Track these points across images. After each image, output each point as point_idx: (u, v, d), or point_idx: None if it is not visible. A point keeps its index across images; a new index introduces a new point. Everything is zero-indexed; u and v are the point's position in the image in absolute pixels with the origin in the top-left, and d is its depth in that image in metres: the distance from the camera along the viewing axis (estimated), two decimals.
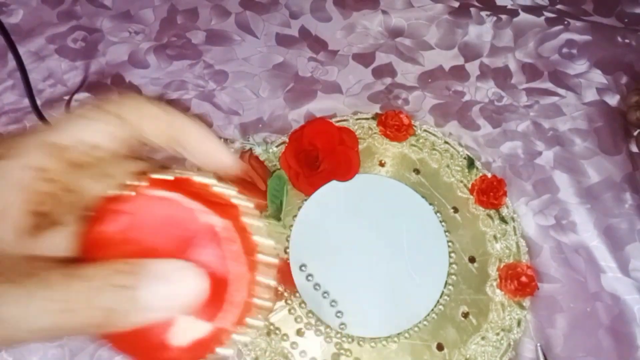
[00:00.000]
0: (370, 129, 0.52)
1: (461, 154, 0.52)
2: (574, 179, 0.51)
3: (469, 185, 0.50)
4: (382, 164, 0.51)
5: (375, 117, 0.53)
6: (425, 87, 0.56)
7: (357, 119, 0.53)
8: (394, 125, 0.51)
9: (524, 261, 0.47)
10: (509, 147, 0.53)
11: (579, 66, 0.58)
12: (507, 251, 0.48)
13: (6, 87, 0.54)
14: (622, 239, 0.49)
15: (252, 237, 0.17)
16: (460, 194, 0.50)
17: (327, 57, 0.57)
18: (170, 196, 0.17)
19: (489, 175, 0.50)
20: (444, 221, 0.49)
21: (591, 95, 0.56)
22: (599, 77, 0.57)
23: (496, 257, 0.47)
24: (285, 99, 0.55)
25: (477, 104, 0.55)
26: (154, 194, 0.17)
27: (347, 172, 0.50)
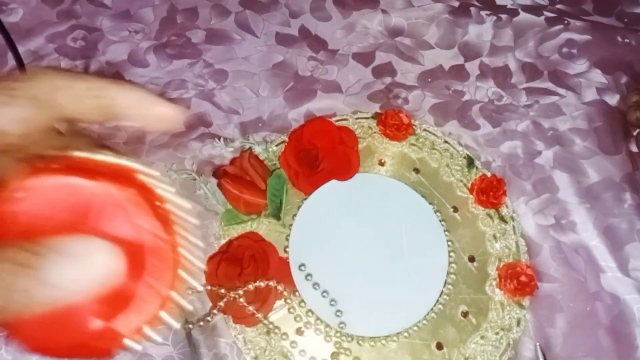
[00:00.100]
0: (370, 128, 0.52)
1: (461, 153, 0.52)
2: (574, 178, 0.51)
3: (469, 184, 0.50)
4: (381, 163, 0.51)
5: (375, 116, 0.53)
6: (425, 87, 0.56)
7: (356, 119, 0.53)
8: (394, 124, 0.51)
9: (524, 261, 0.47)
10: (508, 146, 0.53)
11: (579, 66, 0.58)
12: (506, 251, 0.48)
13: None
14: (622, 239, 0.49)
15: (164, 205, 0.17)
16: (459, 194, 0.50)
17: (327, 57, 0.57)
18: (71, 177, 0.16)
19: (489, 174, 0.50)
20: (443, 220, 0.49)
21: (591, 95, 0.56)
22: (598, 76, 0.57)
23: (496, 256, 0.47)
24: (285, 98, 0.55)
25: (477, 103, 0.55)
26: (58, 173, 0.16)
27: (347, 171, 0.50)
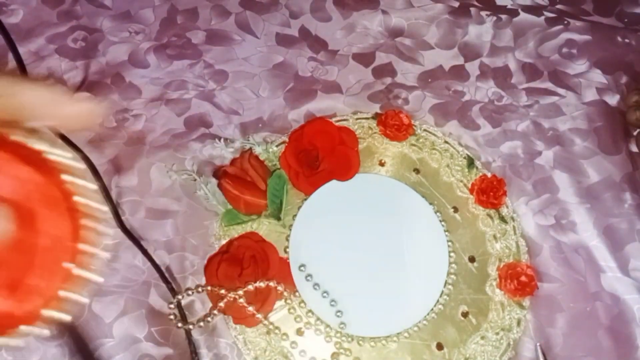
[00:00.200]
0: (370, 128, 0.52)
1: (461, 153, 0.52)
2: (574, 178, 0.51)
3: (469, 185, 0.50)
4: (382, 164, 0.51)
5: (375, 116, 0.53)
6: (425, 87, 0.56)
7: (357, 119, 0.53)
8: (394, 124, 0.51)
9: (524, 261, 0.47)
10: (508, 146, 0.53)
11: (579, 66, 0.58)
12: (506, 251, 0.48)
13: None
14: (622, 239, 0.48)
15: (42, 156, 0.16)
16: (460, 194, 0.50)
17: (327, 57, 0.57)
18: None
19: (489, 175, 0.50)
20: (443, 221, 0.49)
21: (591, 95, 0.56)
22: (598, 77, 0.57)
23: (496, 256, 0.47)
24: (285, 98, 0.55)
25: (477, 103, 0.55)
26: None
27: (347, 171, 0.50)
